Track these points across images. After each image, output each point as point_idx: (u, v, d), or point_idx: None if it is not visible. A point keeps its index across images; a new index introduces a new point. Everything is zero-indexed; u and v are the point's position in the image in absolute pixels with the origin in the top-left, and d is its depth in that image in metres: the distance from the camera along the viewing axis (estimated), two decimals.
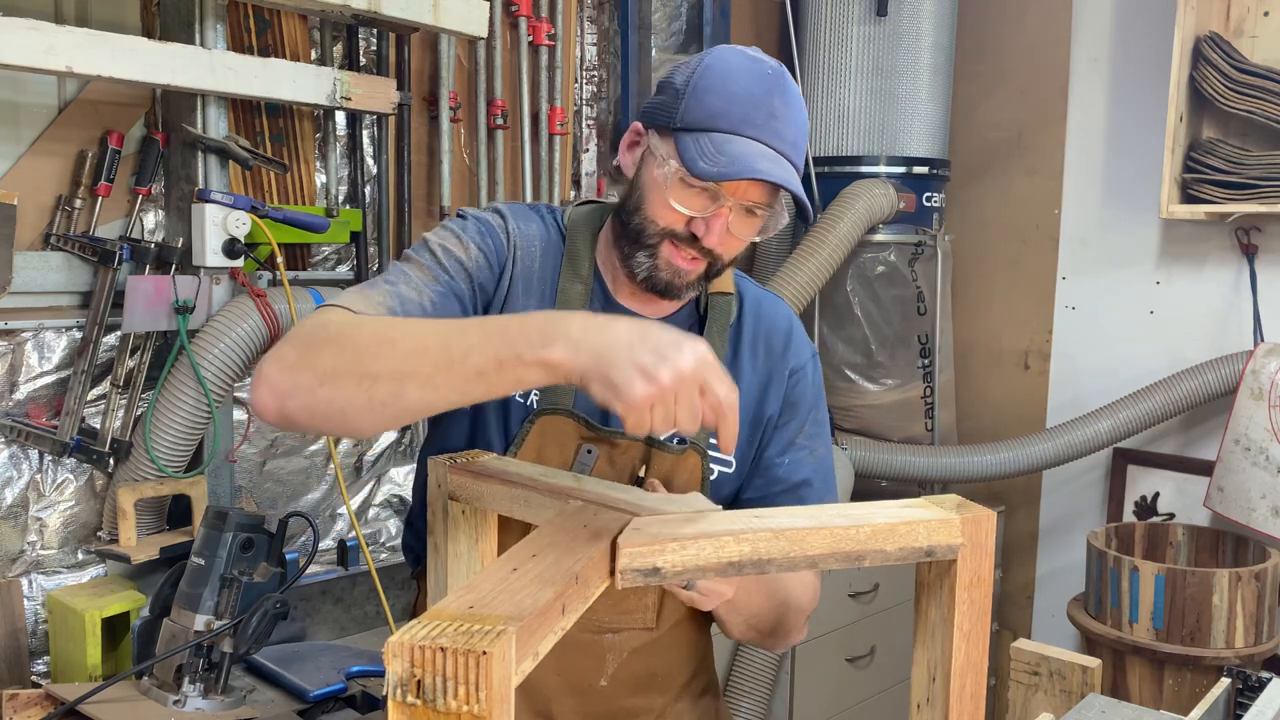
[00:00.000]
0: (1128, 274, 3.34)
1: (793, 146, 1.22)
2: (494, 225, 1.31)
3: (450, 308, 1.22)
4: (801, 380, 1.40)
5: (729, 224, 1.21)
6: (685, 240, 1.23)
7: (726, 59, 1.24)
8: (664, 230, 1.23)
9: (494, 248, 1.29)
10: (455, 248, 1.26)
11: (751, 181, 1.19)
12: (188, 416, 2.08)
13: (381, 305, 1.15)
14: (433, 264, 1.24)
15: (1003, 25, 3.54)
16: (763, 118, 1.20)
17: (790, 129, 1.22)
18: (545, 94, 2.81)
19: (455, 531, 1.11)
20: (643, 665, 1.38)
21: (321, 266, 2.48)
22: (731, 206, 1.21)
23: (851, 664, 3.01)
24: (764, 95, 1.21)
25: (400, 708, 0.65)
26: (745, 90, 1.20)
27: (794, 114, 1.23)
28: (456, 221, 1.31)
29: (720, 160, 1.17)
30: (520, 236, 1.31)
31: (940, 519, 0.93)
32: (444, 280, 1.23)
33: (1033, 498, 3.58)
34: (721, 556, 0.88)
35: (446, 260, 1.25)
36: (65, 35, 1.79)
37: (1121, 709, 1.34)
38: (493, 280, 1.28)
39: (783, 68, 1.26)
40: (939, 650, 0.97)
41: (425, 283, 1.21)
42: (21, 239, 1.97)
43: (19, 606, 1.97)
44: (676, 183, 1.21)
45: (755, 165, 1.17)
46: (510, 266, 1.29)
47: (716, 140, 1.18)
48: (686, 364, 0.91)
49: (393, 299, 1.17)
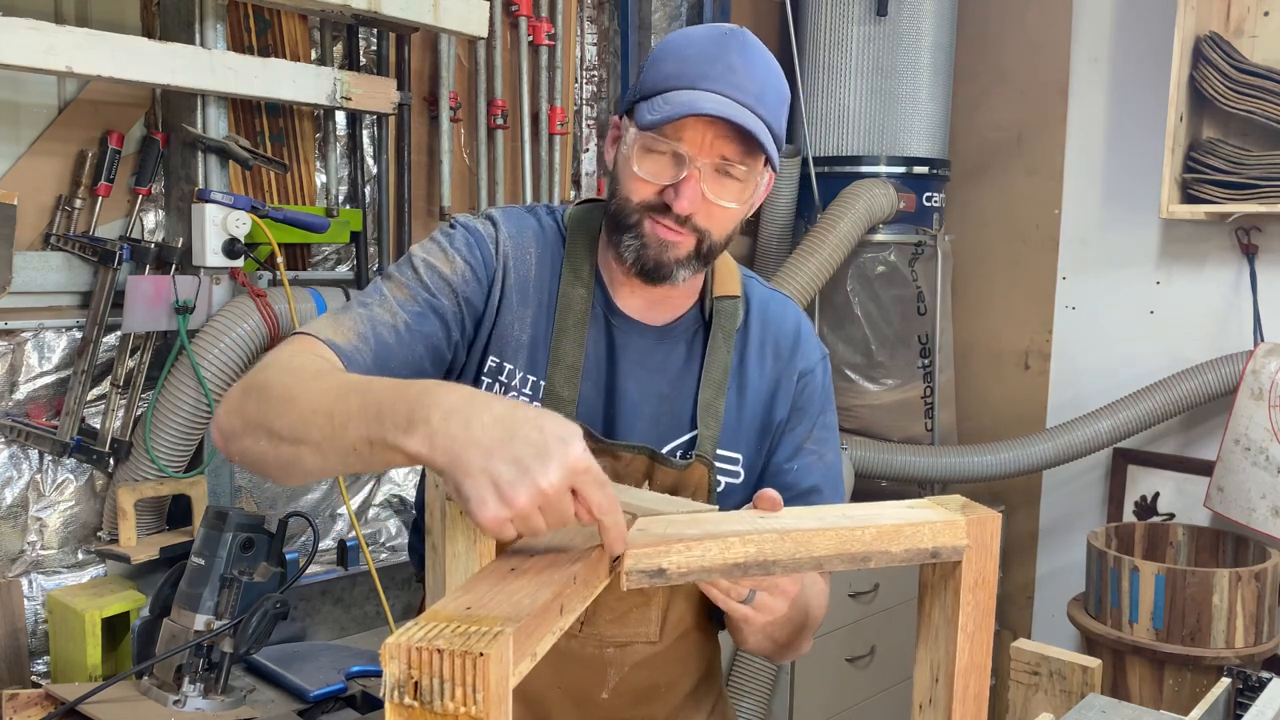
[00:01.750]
0: (1128, 274, 3.34)
1: (756, 99, 1.16)
2: (483, 235, 1.28)
3: (430, 327, 1.20)
4: (810, 383, 1.37)
5: (706, 190, 1.17)
6: (661, 211, 1.19)
7: (685, 30, 1.23)
8: (640, 205, 1.20)
9: (481, 260, 1.26)
10: (440, 263, 1.24)
11: (715, 133, 1.15)
12: (188, 416, 2.08)
13: (352, 330, 1.14)
14: (414, 282, 1.22)
15: (1003, 25, 3.54)
16: (719, 72, 1.15)
17: (751, 82, 1.16)
18: (545, 94, 2.81)
19: (454, 532, 1.11)
20: (645, 678, 1.37)
21: (321, 266, 2.48)
22: (702, 168, 1.16)
23: (851, 664, 3.01)
24: (719, 53, 1.16)
25: (398, 709, 0.65)
26: (700, 51, 1.17)
27: (755, 68, 1.18)
28: (444, 234, 1.28)
29: (665, 109, 1.14)
30: (512, 245, 1.28)
31: (946, 520, 0.92)
32: (423, 299, 1.21)
33: (1033, 498, 3.58)
34: (727, 558, 0.87)
35: (429, 277, 1.22)
36: (65, 35, 1.79)
37: (1121, 709, 1.34)
38: (481, 294, 1.25)
39: (744, 29, 1.21)
40: (942, 651, 0.96)
41: (403, 303, 1.19)
42: (21, 239, 1.97)
43: (19, 606, 1.97)
44: (639, 151, 1.18)
45: (700, 104, 1.13)
46: (501, 278, 1.27)
47: (669, 96, 1.15)
48: (550, 479, 0.79)
49: (364, 323, 1.16)
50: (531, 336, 1.27)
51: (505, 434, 0.81)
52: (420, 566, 1.44)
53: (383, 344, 1.15)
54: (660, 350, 1.31)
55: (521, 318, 1.27)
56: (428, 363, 1.20)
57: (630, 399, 1.28)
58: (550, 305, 1.28)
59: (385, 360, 1.15)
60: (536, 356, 1.27)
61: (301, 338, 1.13)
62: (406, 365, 1.17)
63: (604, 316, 1.30)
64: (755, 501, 1.00)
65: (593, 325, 1.29)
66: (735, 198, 1.20)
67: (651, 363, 1.30)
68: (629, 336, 1.30)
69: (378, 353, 1.15)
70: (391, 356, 1.16)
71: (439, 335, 1.21)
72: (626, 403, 1.28)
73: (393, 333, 1.17)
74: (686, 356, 1.32)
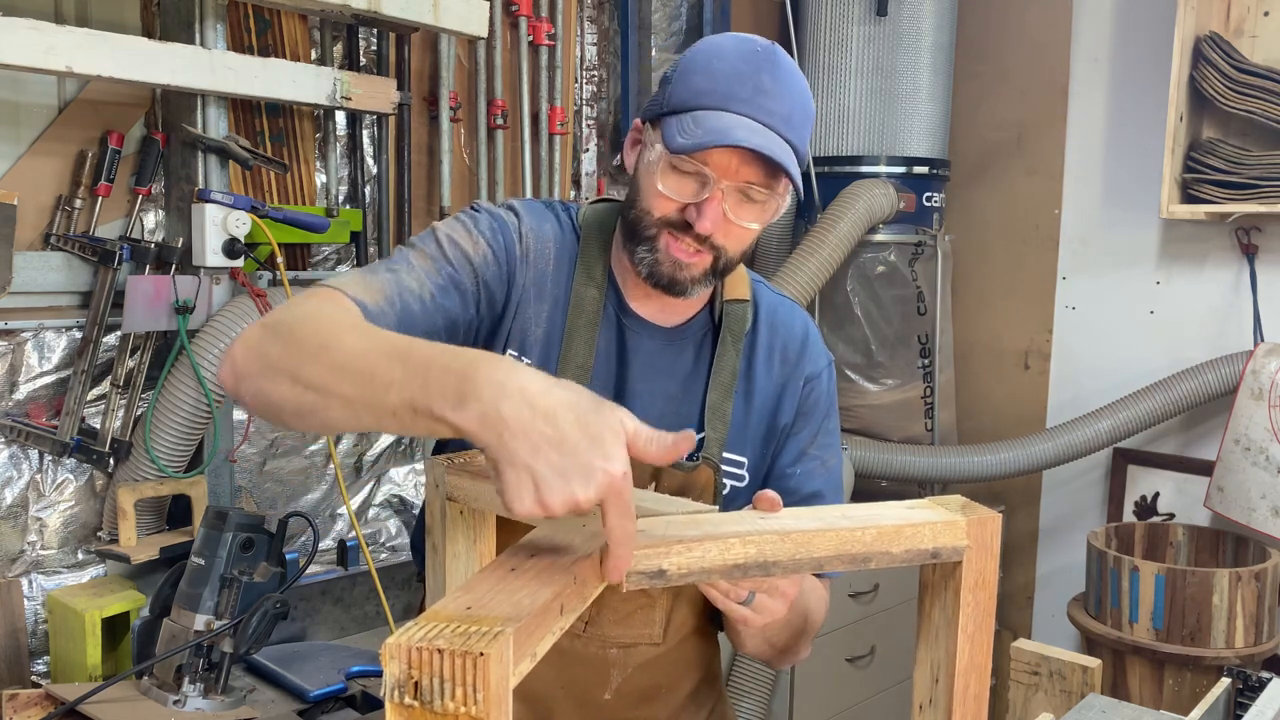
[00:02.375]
0: (1128, 274, 3.34)
1: (784, 122, 1.16)
2: (507, 223, 1.26)
3: (450, 302, 1.18)
4: (816, 388, 1.37)
5: (728, 210, 1.17)
6: (681, 229, 1.19)
7: (716, 41, 1.21)
8: (659, 220, 1.19)
9: (504, 245, 1.24)
10: (464, 240, 1.22)
11: (741, 159, 1.14)
12: (188, 416, 2.08)
13: (380, 292, 1.11)
14: (437, 254, 1.20)
15: (1003, 25, 3.54)
16: (748, 93, 1.14)
17: (781, 104, 1.16)
18: (545, 94, 2.81)
19: (454, 532, 1.11)
20: (648, 679, 1.37)
21: (322, 266, 2.48)
22: (725, 190, 1.16)
23: (851, 664, 3.01)
24: (751, 71, 1.15)
25: (398, 709, 0.65)
26: (731, 68, 1.16)
27: (786, 90, 1.17)
28: (468, 214, 1.27)
29: (697, 133, 1.13)
30: (534, 237, 1.27)
31: (946, 521, 0.92)
32: (446, 272, 1.19)
33: (1033, 498, 3.58)
34: (727, 559, 0.87)
35: (452, 252, 1.21)
36: (65, 35, 1.79)
37: (1121, 709, 1.34)
38: (501, 279, 1.24)
39: (776, 46, 1.20)
40: (942, 651, 0.96)
41: (428, 273, 1.17)
42: (21, 239, 1.97)
43: (19, 606, 1.97)
44: (665, 167, 1.17)
45: (732, 134, 1.12)
46: (522, 270, 1.25)
47: (699, 116, 1.14)
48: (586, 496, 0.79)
49: (392, 287, 1.13)
50: (546, 332, 1.27)
51: (556, 435, 0.79)
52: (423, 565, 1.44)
53: (408, 311, 1.13)
54: (670, 352, 1.31)
55: (538, 313, 1.27)
56: (444, 336, 1.18)
57: (639, 400, 1.28)
58: (564, 303, 1.28)
59: (408, 328, 1.12)
60: (550, 353, 1.27)
61: (328, 289, 1.09)
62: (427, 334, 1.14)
63: (616, 317, 1.30)
64: (755, 502, 1.00)
65: (604, 325, 1.29)
66: (755, 218, 1.20)
67: (661, 364, 1.30)
68: (640, 338, 1.30)
69: (402, 319, 1.12)
70: (415, 325, 1.13)
71: (458, 311, 1.19)
72: (635, 403, 1.28)
73: (418, 301, 1.14)
74: (695, 359, 1.32)
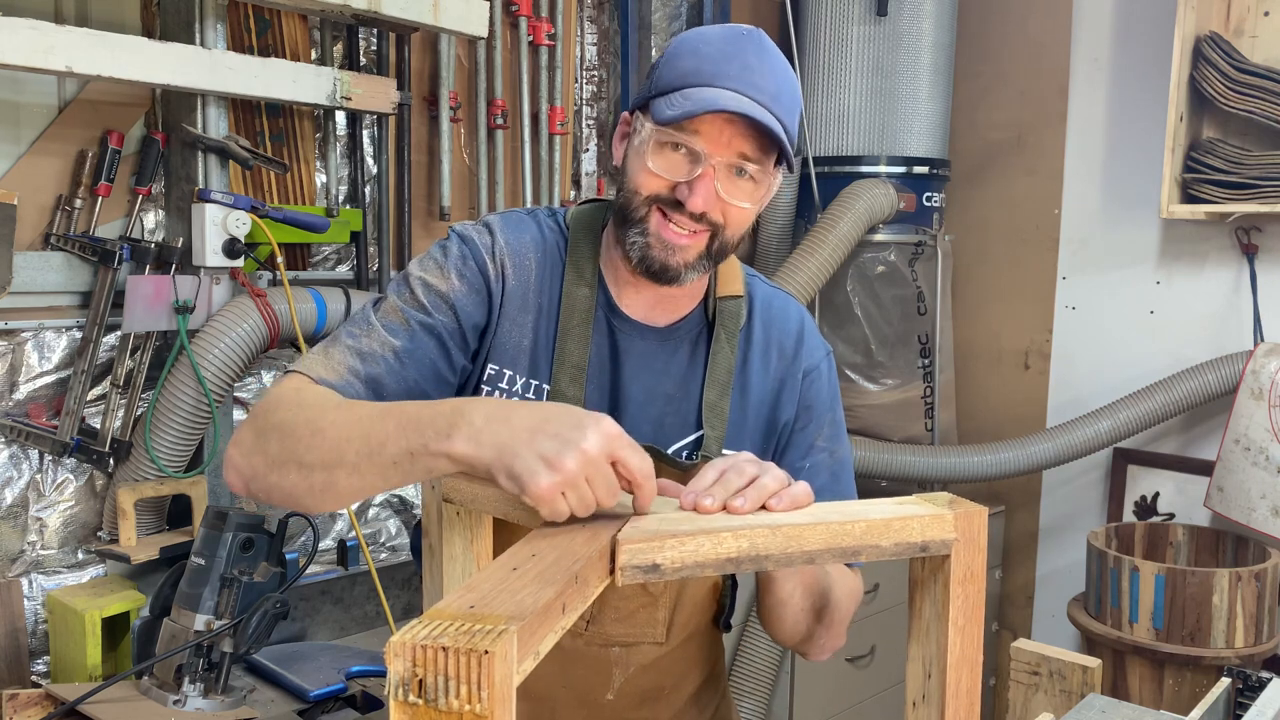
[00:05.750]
0: (1128, 274, 3.34)
1: (773, 99, 1.16)
2: (478, 244, 1.27)
3: (422, 350, 1.20)
4: (816, 381, 1.36)
5: (720, 189, 1.17)
6: (671, 205, 1.18)
7: (701, 29, 1.23)
8: (649, 198, 1.19)
9: (476, 268, 1.25)
10: (435, 279, 1.24)
11: (733, 130, 1.15)
12: (188, 416, 2.08)
13: (342, 365, 1.16)
14: (409, 301, 1.22)
15: (1003, 25, 3.54)
16: (736, 70, 1.15)
17: (769, 81, 1.17)
18: (545, 94, 2.81)
19: (450, 534, 1.11)
20: (650, 679, 1.36)
21: (321, 266, 2.48)
22: (717, 166, 1.16)
23: (851, 664, 3.01)
24: (737, 52, 1.16)
25: (402, 707, 0.65)
26: (718, 49, 1.17)
27: (772, 68, 1.18)
28: (440, 246, 1.28)
29: (685, 105, 1.14)
30: (510, 252, 1.27)
31: (933, 515, 0.93)
32: (416, 321, 1.20)
33: (1033, 498, 3.58)
34: (720, 552, 0.88)
35: (426, 296, 1.22)
36: (65, 35, 1.79)
37: (1121, 709, 1.34)
38: (481, 305, 1.25)
39: (759, 30, 1.22)
40: (934, 646, 0.97)
41: (394, 329, 1.19)
42: (21, 239, 1.97)
43: (19, 606, 1.97)
44: (654, 146, 1.18)
45: (722, 101, 1.13)
46: (500, 286, 1.26)
47: (687, 92, 1.15)
48: (591, 444, 0.89)
49: (353, 357, 1.17)
50: (533, 341, 1.27)
51: (541, 419, 0.91)
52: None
53: (372, 376, 1.16)
54: (664, 352, 1.30)
55: (521, 324, 1.26)
56: (428, 385, 1.20)
57: (635, 400, 1.28)
58: (552, 309, 1.28)
59: (378, 391, 1.16)
60: (538, 360, 1.27)
61: (295, 376, 1.15)
62: (402, 393, 1.17)
63: (606, 319, 1.29)
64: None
65: (595, 328, 1.28)
66: (748, 197, 1.20)
67: (656, 365, 1.30)
68: (632, 340, 1.29)
69: (369, 385, 1.16)
70: (383, 387, 1.17)
71: (435, 356, 1.21)
72: (631, 404, 1.28)
73: (381, 362, 1.17)
74: (690, 357, 1.32)
